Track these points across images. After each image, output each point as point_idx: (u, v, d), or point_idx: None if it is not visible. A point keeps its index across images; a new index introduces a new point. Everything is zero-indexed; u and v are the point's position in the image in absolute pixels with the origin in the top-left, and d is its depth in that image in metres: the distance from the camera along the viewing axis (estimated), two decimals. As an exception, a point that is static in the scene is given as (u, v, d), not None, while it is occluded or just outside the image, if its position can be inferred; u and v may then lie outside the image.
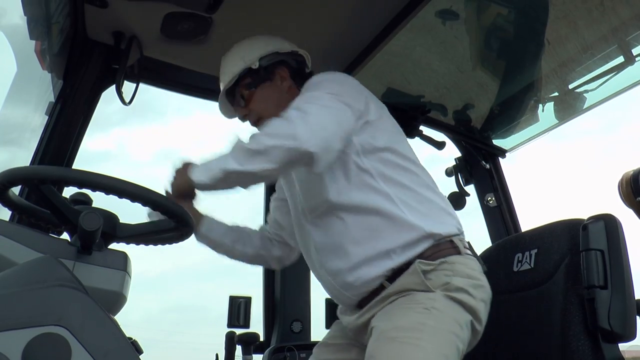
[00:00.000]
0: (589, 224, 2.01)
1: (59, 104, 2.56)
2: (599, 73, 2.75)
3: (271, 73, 2.20)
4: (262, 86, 2.18)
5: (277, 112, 2.04)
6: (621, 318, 1.85)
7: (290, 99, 2.10)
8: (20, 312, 1.19)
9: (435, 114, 3.34)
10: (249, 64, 2.17)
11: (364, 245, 1.88)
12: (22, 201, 1.71)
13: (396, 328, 1.72)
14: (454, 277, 1.79)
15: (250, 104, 2.19)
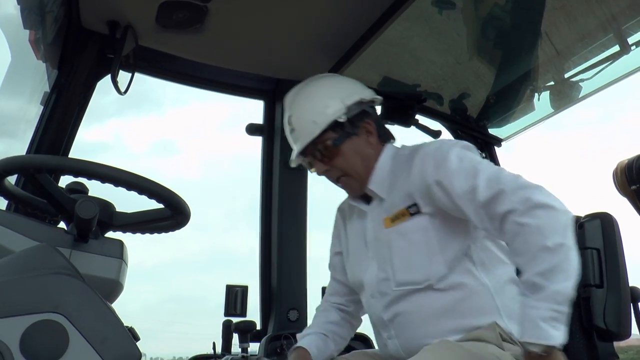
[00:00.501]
0: (585, 222, 2.01)
1: (54, 93, 2.56)
2: (594, 62, 2.76)
3: (357, 127, 2.00)
4: (349, 142, 1.98)
5: (364, 170, 1.99)
6: (616, 317, 1.87)
7: (376, 156, 2.01)
8: (17, 300, 1.19)
9: (431, 103, 3.34)
10: (334, 117, 1.95)
11: (444, 320, 1.81)
12: (19, 190, 1.72)
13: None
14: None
15: (335, 160, 1.98)
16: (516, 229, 1.60)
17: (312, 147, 1.99)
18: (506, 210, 1.62)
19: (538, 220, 1.57)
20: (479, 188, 1.69)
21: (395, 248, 1.88)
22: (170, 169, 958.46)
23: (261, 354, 3.01)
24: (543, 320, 1.50)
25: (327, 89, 2.03)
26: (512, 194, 1.63)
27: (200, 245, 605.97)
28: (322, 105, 1.97)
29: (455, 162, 1.78)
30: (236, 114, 36.91)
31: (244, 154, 21.77)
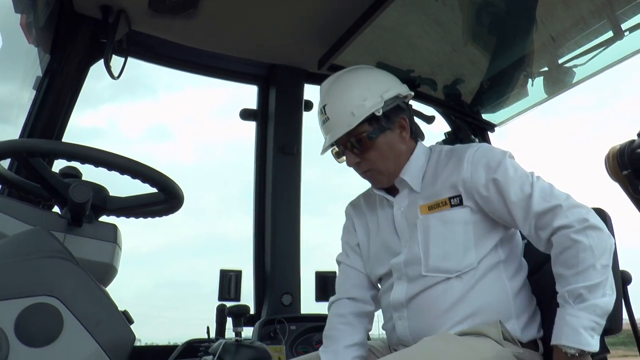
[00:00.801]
0: None
1: (47, 78, 2.55)
2: (588, 48, 2.75)
3: (392, 122, 1.99)
4: (383, 136, 1.97)
5: (395, 165, 2.00)
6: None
7: (407, 151, 2.03)
8: (11, 283, 1.20)
9: (425, 89, 3.34)
10: (372, 110, 1.94)
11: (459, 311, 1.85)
12: (12, 175, 1.71)
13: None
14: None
15: (367, 153, 1.98)
16: (569, 243, 1.72)
17: (346, 138, 1.98)
18: (562, 224, 1.73)
19: (591, 240, 1.69)
20: (534, 198, 1.78)
21: (433, 234, 1.91)
22: (164, 155, 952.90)
23: (255, 338, 3.03)
24: (584, 328, 1.64)
25: (366, 81, 2.01)
26: (569, 211, 1.74)
27: (194, 231, 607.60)
28: (361, 98, 1.96)
29: (512, 169, 1.86)
30: (230, 99, 36.97)
31: (238, 140, 21.75)
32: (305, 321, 3.14)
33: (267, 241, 3.35)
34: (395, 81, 2.08)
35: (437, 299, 1.88)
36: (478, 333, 1.79)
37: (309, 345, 3.08)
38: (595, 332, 1.65)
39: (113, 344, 1.26)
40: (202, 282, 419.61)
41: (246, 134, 3.56)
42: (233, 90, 3.78)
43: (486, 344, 1.75)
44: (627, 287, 2.07)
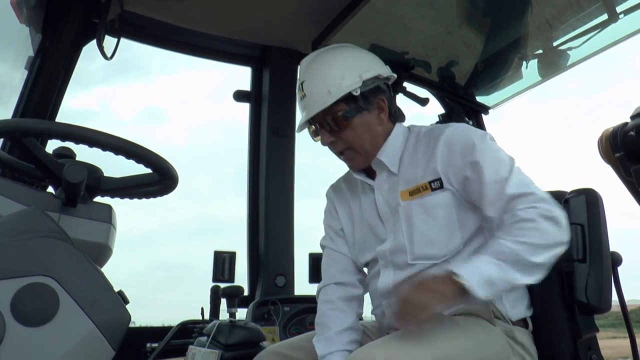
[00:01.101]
0: (571, 198, 2.02)
1: (39, 58, 2.52)
2: (582, 30, 2.75)
3: (370, 103, 1.96)
4: (360, 116, 1.94)
5: (371, 146, 1.97)
6: (597, 291, 1.90)
7: (384, 132, 2.00)
8: (6, 263, 1.20)
9: (419, 71, 3.33)
10: (349, 89, 1.91)
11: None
12: (5, 155, 1.71)
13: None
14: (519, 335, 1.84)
15: (343, 132, 1.95)
16: (528, 217, 1.68)
17: (322, 116, 1.95)
18: (530, 206, 1.69)
19: (549, 229, 1.66)
20: (509, 182, 1.75)
21: (416, 221, 1.89)
22: (158, 137, 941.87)
23: (249, 319, 3.04)
24: (485, 279, 1.60)
25: (346, 60, 1.98)
26: (542, 200, 1.70)
27: (188, 213, 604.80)
28: (339, 76, 1.93)
29: (489, 151, 1.82)
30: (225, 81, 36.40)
31: (231, 122, 21.51)
32: (298, 302, 3.16)
33: (261, 223, 3.35)
34: (377, 61, 2.05)
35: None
36: (469, 313, 1.80)
37: (302, 326, 3.10)
38: (490, 287, 1.62)
39: (109, 324, 1.26)
40: (196, 264, 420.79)
41: (240, 116, 3.56)
42: (227, 72, 3.77)
43: (478, 323, 1.77)
44: (617, 269, 2.09)
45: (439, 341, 1.65)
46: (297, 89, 2.03)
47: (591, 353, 1.95)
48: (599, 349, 2.00)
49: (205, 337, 2.39)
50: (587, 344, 1.95)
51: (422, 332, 1.68)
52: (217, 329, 2.35)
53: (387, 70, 2.04)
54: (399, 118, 2.08)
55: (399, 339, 1.67)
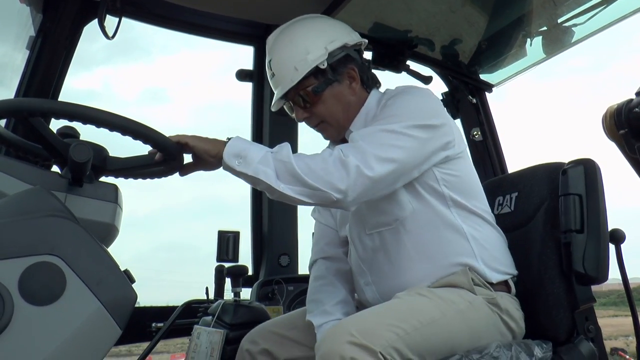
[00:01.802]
0: (569, 168, 2.01)
1: (40, 38, 2.51)
2: (588, 7, 2.73)
3: (340, 73, 1.95)
4: (330, 89, 1.94)
5: (344, 117, 1.97)
6: (595, 261, 1.89)
7: (358, 101, 1.99)
8: (13, 242, 1.20)
9: (422, 49, 3.31)
10: (316, 63, 1.90)
11: (418, 263, 1.85)
12: (10, 134, 1.70)
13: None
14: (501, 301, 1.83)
15: (315, 107, 1.95)
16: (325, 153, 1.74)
17: (293, 92, 1.96)
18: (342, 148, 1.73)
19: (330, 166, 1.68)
20: (368, 130, 1.79)
21: None
22: (160, 117, 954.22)
23: (253, 299, 3.06)
24: (240, 151, 1.71)
25: (309, 33, 1.96)
26: (355, 149, 1.71)
27: (191, 194, 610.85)
28: (304, 51, 1.92)
29: (396, 107, 1.85)
30: (227, 61, 36.00)
31: (234, 102, 21.53)
32: (302, 282, 3.16)
33: (264, 202, 3.36)
34: (343, 30, 2.02)
35: (392, 257, 1.88)
36: (449, 284, 1.81)
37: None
38: (237, 162, 1.69)
39: (115, 303, 1.27)
40: (200, 244, 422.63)
41: (243, 95, 3.55)
42: (230, 52, 3.73)
43: (459, 294, 1.77)
44: (620, 246, 2.09)
45: (418, 313, 1.65)
46: (267, 68, 2.02)
47: (588, 324, 1.95)
48: (597, 320, 2.00)
49: (210, 316, 2.40)
50: (585, 314, 1.96)
51: (405, 305, 1.70)
52: (222, 308, 2.36)
53: (355, 37, 2.02)
54: (373, 85, 2.06)
55: (377, 312, 1.68)
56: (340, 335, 1.50)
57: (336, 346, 1.49)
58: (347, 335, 1.49)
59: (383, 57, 3.16)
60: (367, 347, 1.47)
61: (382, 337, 1.52)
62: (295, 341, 1.98)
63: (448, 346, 1.67)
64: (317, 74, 1.93)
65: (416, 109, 1.83)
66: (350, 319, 1.65)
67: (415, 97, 1.87)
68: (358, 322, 1.59)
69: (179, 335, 2.98)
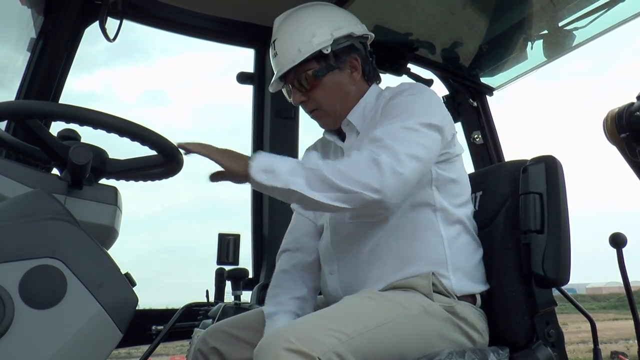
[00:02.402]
0: (529, 166, 1.96)
1: (41, 40, 2.51)
2: (589, 10, 2.73)
3: (342, 62, 1.95)
4: (331, 75, 1.94)
5: (341, 106, 1.96)
6: (555, 263, 1.83)
7: (357, 92, 1.99)
8: (14, 245, 1.20)
9: (423, 52, 3.31)
10: (320, 47, 1.90)
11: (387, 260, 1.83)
12: (9, 137, 1.70)
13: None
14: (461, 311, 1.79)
15: (313, 91, 1.94)
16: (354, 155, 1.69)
17: (293, 75, 1.95)
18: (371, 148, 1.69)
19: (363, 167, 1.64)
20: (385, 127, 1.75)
21: None
22: (161, 119, 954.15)
23: (253, 302, 3.05)
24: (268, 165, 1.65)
25: (317, 18, 1.97)
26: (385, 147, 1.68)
27: (191, 196, 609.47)
28: (309, 34, 1.92)
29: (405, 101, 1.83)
30: (227, 63, 36.17)
31: (234, 103, 21.60)
32: (303, 284, 3.15)
33: (264, 205, 3.35)
34: (351, 20, 2.03)
35: (365, 251, 1.85)
36: (407, 287, 1.77)
37: (306, 308, 3.11)
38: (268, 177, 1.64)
39: (116, 306, 1.27)
40: (199, 246, 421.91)
41: (242, 97, 3.54)
42: (229, 55, 3.74)
43: (413, 299, 1.73)
44: (622, 250, 2.08)
45: (364, 317, 1.61)
46: (270, 47, 2.02)
47: (549, 328, 1.89)
48: (558, 324, 1.94)
49: (210, 319, 2.40)
50: (545, 318, 1.90)
51: (350, 308, 1.66)
52: (223, 311, 2.37)
53: (362, 28, 2.03)
54: (374, 79, 2.06)
55: (320, 317, 1.64)
56: (277, 342, 1.47)
57: (272, 353, 1.45)
58: (284, 342, 1.45)
59: (384, 60, 3.17)
60: (305, 353, 1.44)
61: (322, 342, 1.48)
62: (246, 342, 1.90)
63: (396, 352, 1.63)
64: (320, 59, 1.93)
65: (427, 107, 1.82)
66: (291, 324, 1.64)
67: (423, 96, 1.87)
68: (298, 327, 1.56)
69: (179, 338, 2.98)
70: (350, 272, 1.89)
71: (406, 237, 1.83)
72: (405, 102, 1.83)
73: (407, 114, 1.78)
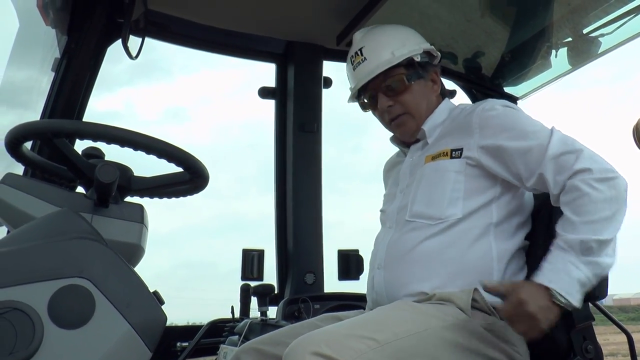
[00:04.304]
0: None
1: (65, 59, 2.53)
2: (615, 16, 2.68)
3: (427, 71, 2.06)
4: (419, 82, 2.03)
5: (426, 113, 2.03)
6: None
7: (435, 104, 2.06)
8: (43, 265, 1.20)
9: (445, 63, 3.29)
10: (413, 54, 2.01)
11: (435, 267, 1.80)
12: (36, 156, 1.70)
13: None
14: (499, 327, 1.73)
15: (402, 96, 2.01)
16: (588, 190, 1.64)
17: (381, 80, 2.01)
18: (583, 167, 1.67)
19: (612, 192, 1.64)
20: (552, 142, 1.73)
21: (424, 180, 1.92)
22: (181, 136, 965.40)
23: (279, 318, 3.03)
24: (580, 283, 1.58)
25: (403, 32, 2.09)
26: (592, 158, 1.69)
27: (211, 211, 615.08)
28: (401, 41, 2.03)
29: (524, 118, 1.85)
30: (245, 80, 36.62)
31: (254, 120, 21.86)
32: (329, 300, 3.12)
33: (289, 220, 3.33)
34: (424, 39, 2.13)
35: (416, 249, 1.83)
36: (444, 299, 1.73)
37: (333, 323, 3.08)
38: (585, 289, 1.59)
39: (145, 325, 1.26)
40: (220, 262, 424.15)
41: (263, 113, 3.54)
42: (248, 71, 3.75)
43: (448, 311, 1.68)
44: None
45: (395, 324, 1.58)
46: (352, 57, 2.10)
47: (587, 343, 1.83)
48: (596, 339, 1.87)
49: (236, 336, 2.38)
50: (582, 333, 1.83)
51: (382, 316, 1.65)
52: (249, 327, 2.34)
53: (438, 53, 2.13)
54: (446, 95, 2.15)
55: (351, 323, 1.61)
56: (306, 346, 1.45)
57: (300, 357, 1.43)
58: (313, 346, 1.43)
59: (406, 72, 3.15)
60: (333, 358, 1.41)
61: (352, 348, 1.45)
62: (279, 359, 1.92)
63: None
64: (409, 66, 2.01)
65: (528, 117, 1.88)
66: (321, 330, 1.59)
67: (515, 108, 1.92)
68: (327, 333, 1.53)
69: (204, 355, 2.96)
70: (394, 267, 1.88)
71: (457, 247, 1.81)
72: (513, 115, 1.86)
73: (541, 125, 1.82)
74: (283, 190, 3.39)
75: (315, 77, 3.41)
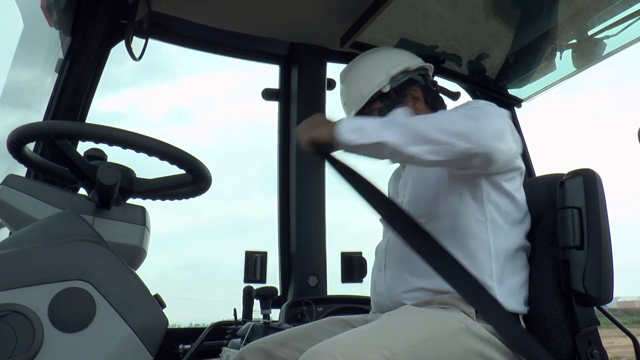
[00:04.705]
0: (567, 179, 1.88)
1: (68, 60, 2.53)
2: (620, 17, 2.67)
3: (403, 95, 2.08)
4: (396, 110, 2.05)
5: None
6: (596, 280, 1.74)
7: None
8: (44, 267, 1.19)
9: (449, 64, 3.28)
10: (379, 88, 2.06)
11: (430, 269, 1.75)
12: (38, 157, 1.70)
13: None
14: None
15: None
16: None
17: (360, 112, 2.08)
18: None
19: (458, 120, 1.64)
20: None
21: (412, 179, 1.98)
22: (185, 137, 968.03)
23: (282, 320, 3.02)
24: (357, 124, 1.69)
25: (374, 62, 2.13)
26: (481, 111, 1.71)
27: (214, 213, 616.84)
28: (368, 78, 2.08)
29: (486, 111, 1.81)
30: (248, 81, 36.45)
31: (257, 121, 21.92)
32: (332, 302, 3.11)
33: (292, 222, 3.32)
34: (405, 56, 2.17)
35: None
36: (447, 303, 1.74)
37: (336, 326, 3.07)
38: (357, 135, 1.65)
39: (146, 328, 1.25)
40: (222, 263, 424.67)
41: (264, 115, 3.53)
42: (251, 72, 3.75)
43: (455, 316, 1.68)
44: None
45: (407, 333, 1.58)
46: (340, 98, 2.22)
47: (592, 348, 1.79)
48: (601, 344, 1.83)
49: (239, 338, 2.37)
50: (587, 338, 1.79)
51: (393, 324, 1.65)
52: (252, 330, 2.34)
53: (417, 61, 2.15)
54: (438, 106, 2.14)
55: (363, 332, 1.62)
56: (320, 357, 1.44)
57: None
58: (327, 357, 1.42)
59: (410, 73, 3.14)
60: None
61: (366, 358, 1.45)
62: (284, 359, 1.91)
63: None
64: (382, 98, 2.07)
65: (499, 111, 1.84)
66: (334, 340, 1.58)
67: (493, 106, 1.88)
68: (341, 343, 1.52)
69: (206, 358, 2.96)
70: (397, 267, 1.90)
71: (452, 244, 1.78)
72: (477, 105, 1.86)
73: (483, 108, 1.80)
74: (286, 192, 3.38)
75: (319, 78, 3.40)
